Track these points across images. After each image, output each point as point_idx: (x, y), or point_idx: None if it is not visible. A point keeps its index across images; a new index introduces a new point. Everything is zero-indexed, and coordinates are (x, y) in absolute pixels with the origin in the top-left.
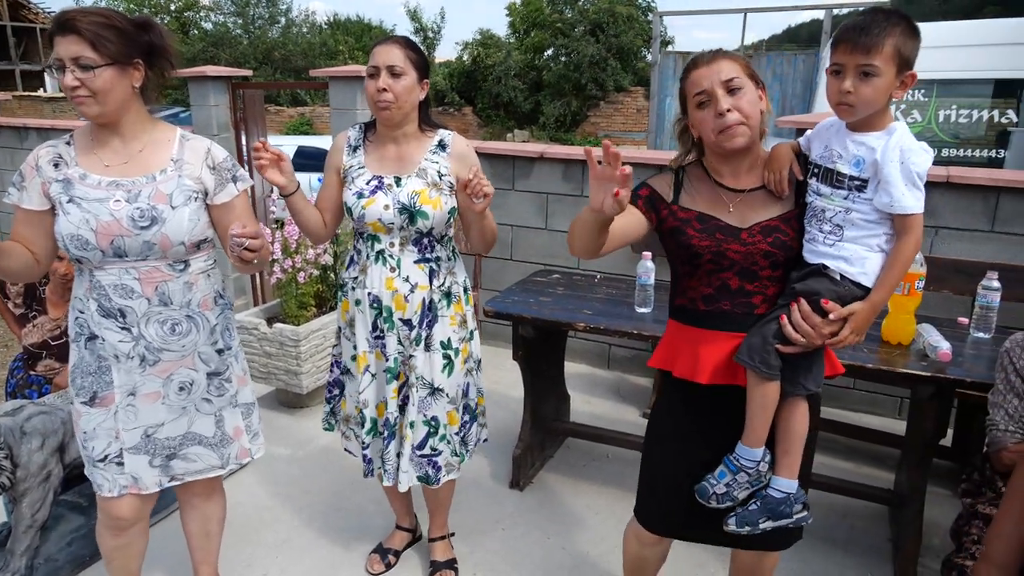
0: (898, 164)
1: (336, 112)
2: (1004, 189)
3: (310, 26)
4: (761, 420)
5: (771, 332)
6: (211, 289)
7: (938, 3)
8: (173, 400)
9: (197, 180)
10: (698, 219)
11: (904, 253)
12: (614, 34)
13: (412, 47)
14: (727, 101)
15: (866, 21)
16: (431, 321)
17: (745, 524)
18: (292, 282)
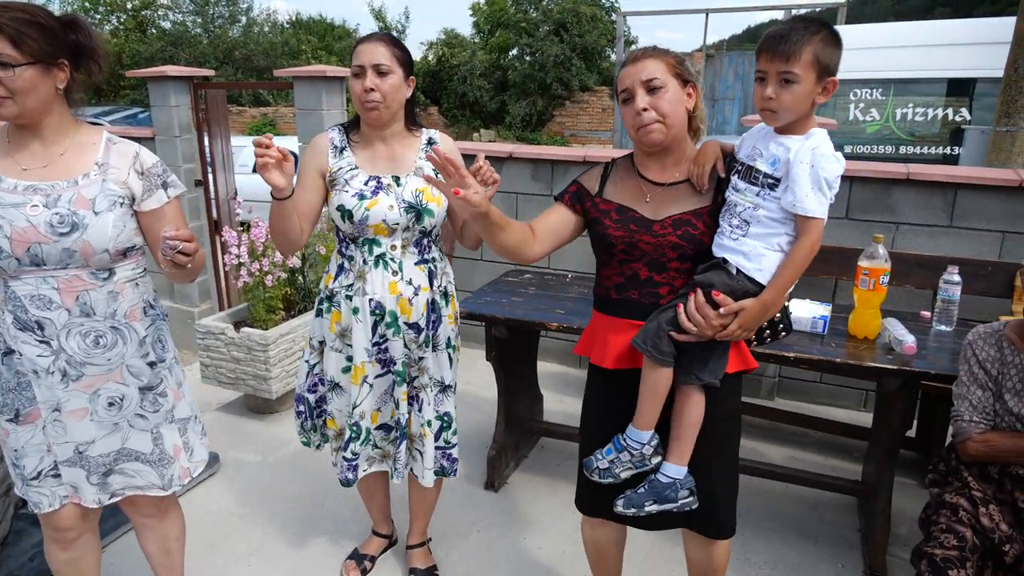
0: (808, 166)
1: (302, 113)
2: (961, 185)
3: (272, 25)
4: (651, 404)
5: (666, 319)
6: (140, 299)
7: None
8: (103, 416)
9: (123, 185)
10: (616, 210)
11: (799, 255)
12: (578, 34)
13: (397, 44)
14: (644, 100)
15: (786, 30)
16: (435, 322)
17: (631, 506)
18: (259, 285)
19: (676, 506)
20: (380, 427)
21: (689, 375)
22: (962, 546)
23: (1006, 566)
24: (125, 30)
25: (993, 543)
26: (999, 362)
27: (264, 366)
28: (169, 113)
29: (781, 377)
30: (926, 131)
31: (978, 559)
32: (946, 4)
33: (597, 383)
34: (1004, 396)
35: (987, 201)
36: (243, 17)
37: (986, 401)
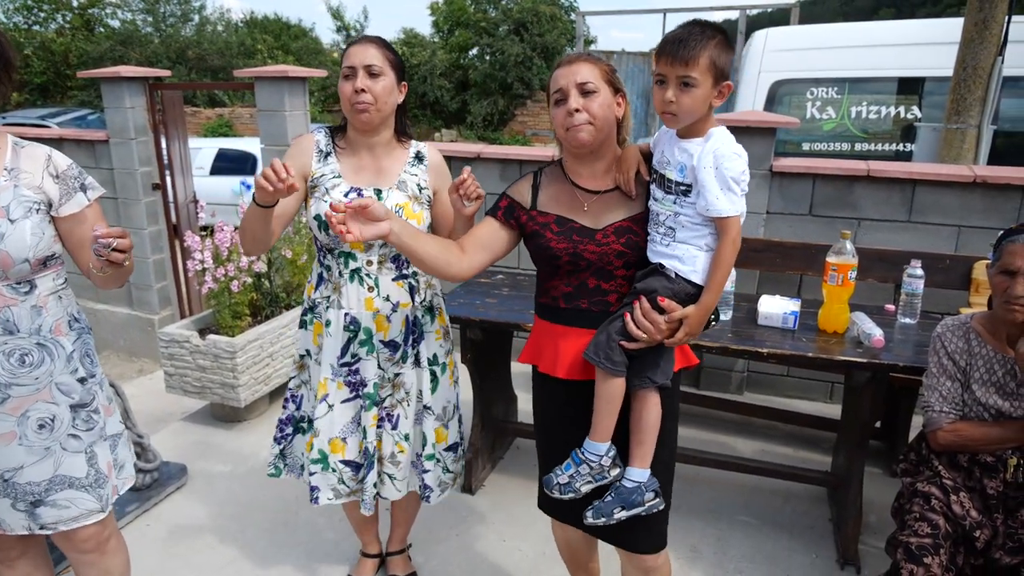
0: (712, 170)
1: (264, 114)
2: (919, 182)
3: (226, 24)
4: (607, 414)
5: (616, 329)
6: (64, 312)
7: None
8: (33, 440)
9: (38, 190)
10: (556, 222)
11: (724, 254)
12: (538, 33)
13: (389, 47)
14: (577, 101)
15: (684, 35)
16: (417, 338)
17: (601, 516)
18: (225, 291)
19: (644, 509)
20: (347, 463)
21: (643, 379)
22: (935, 533)
23: (977, 551)
24: (71, 29)
25: (964, 529)
26: (967, 353)
27: (232, 374)
28: (124, 115)
29: (750, 371)
30: (879, 128)
31: (951, 545)
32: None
33: (548, 391)
34: (972, 386)
35: (944, 197)
36: (195, 16)
37: (955, 391)
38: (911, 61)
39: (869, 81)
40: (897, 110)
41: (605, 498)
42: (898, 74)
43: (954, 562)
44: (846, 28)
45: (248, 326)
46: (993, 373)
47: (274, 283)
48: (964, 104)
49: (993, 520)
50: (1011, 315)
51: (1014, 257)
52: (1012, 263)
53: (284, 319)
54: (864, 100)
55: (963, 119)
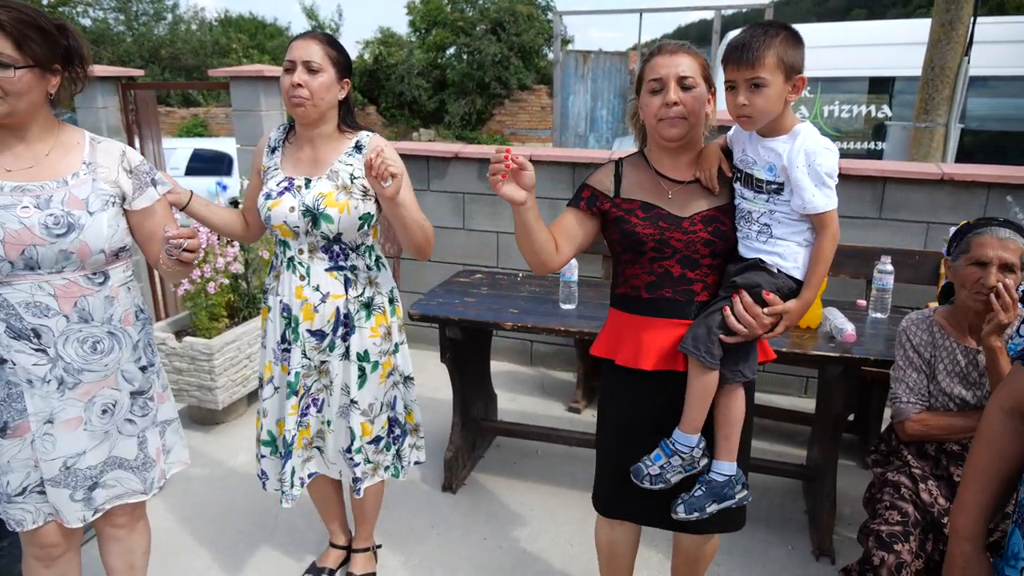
0: (805, 168)
1: (239, 114)
2: (889, 179)
3: (199, 23)
4: (700, 408)
5: (715, 323)
6: (132, 303)
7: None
8: (95, 425)
9: (114, 184)
10: (642, 208)
11: (824, 249)
12: (515, 33)
13: (332, 44)
14: (677, 94)
15: (747, 37)
16: (347, 333)
17: (693, 510)
18: (201, 293)
19: (734, 502)
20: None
21: (735, 373)
22: (905, 521)
23: (945, 537)
24: None
25: (933, 516)
26: (931, 346)
27: (209, 376)
28: (96, 115)
29: None
30: (850, 127)
31: (920, 532)
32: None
33: (624, 384)
34: (937, 377)
35: (913, 194)
36: (168, 14)
37: (921, 383)
38: (881, 61)
39: (841, 81)
40: (868, 109)
41: (695, 492)
42: (869, 74)
43: (923, 548)
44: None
45: (225, 328)
46: (956, 364)
47: (251, 284)
48: (932, 103)
49: None
50: (980, 304)
51: (985, 248)
52: (983, 254)
53: (261, 320)
54: (836, 99)
55: (931, 118)
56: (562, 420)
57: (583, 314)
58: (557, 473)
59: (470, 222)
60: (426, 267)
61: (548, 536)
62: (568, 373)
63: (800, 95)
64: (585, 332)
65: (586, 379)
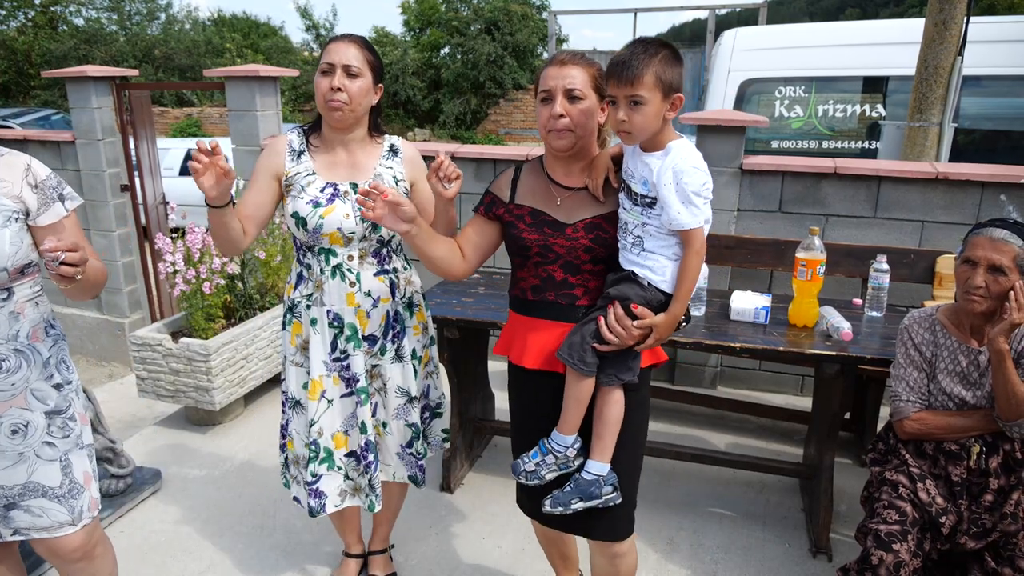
0: (672, 186)
1: (234, 114)
2: (884, 178)
3: (193, 23)
4: (575, 411)
5: (589, 332)
6: (40, 318)
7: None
8: (5, 445)
9: (16, 199)
10: (530, 214)
11: (690, 266)
12: (509, 32)
13: (370, 48)
14: (562, 106)
15: (627, 56)
16: (398, 333)
17: (559, 505)
18: (197, 294)
19: (600, 502)
20: (350, 455)
21: (610, 377)
22: (903, 520)
23: (943, 536)
24: (34, 27)
25: (931, 515)
26: (933, 344)
27: (206, 377)
28: (91, 115)
29: (723, 366)
30: (845, 126)
31: (918, 531)
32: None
33: (518, 382)
34: (938, 376)
35: (907, 193)
36: (162, 14)
37: (921, 382)
38: (875, 60)
39: (835, 80)
40: (862, 108)
41: (564, 488)
42: (863, 73)
43: (921, 547)
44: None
45: (222, 328)
46: (957, 364)
47: (248, 285)
48: (926, 103)
49: (958, 506)
50: (971, 305)
51: (975, 248)
52: (973, 254)
53: (258, 321)
54: (831, 99)
55: (925, 117)
56: None
57: None
58: None
59: (465, 221)
60: (420, 267)
61: None
62: None
63: (678, 113)
64: None
65: None
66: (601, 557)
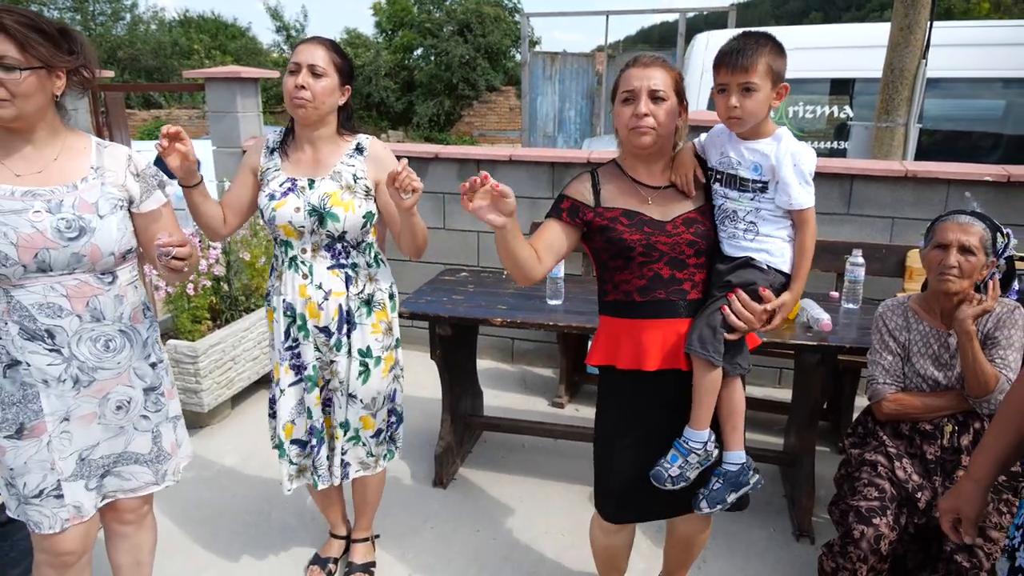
0: (791, 167)
1: (214, 115)
2: (856, 176)
3: (159, 23)
4: (708, 404)
5: (718, 322)
6: (139, 301)
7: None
8: (110, 419)
9: (121, 188)
10: (624, 215)
11: (806, 243)
12: (482, 34)
13: (337, 50)
14: (647, 106)
15: (740, 45)
16: (349, 329)
17: (716, 503)
18: (183, 295)
19: (750, 487)
20: (294, 442)
21: (734, 366)
22: (882, 496)
23: (919, 511)
24: None
25: (907, 492)
26: (906, 330)
27: (194, 379)
28: (65, 117)
29: None
30: (814, 127)
31: (896, 507)
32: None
33: (626, 389)
34: (912, 359)
35: (879, 190)
36: (127, 15)
37: (896, 365)
38: (842, 63)
39: (804, 82)
40: (831, 110)
41: (713, 486)
42: (830, 75)
43: (898, 522)
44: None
45: (208, 330)
46: (929, 347)
47: (233, 286)
48: (892, 104)
49: (932, 483)
50: (945, 284)
51: (946, 232)
52: (944, 237)
53: (245, 322)
54: (800, 100)
55: (892, 118)
56: (546, 415)
57: (569, 309)
58: (544, 466)
59: (450, 221)
60: (407, 267)
61: (539, 527)
62: (549, 369)
63: (782, 101)
64: (573, 327)
65: (568, 374)
66: (694, 526)
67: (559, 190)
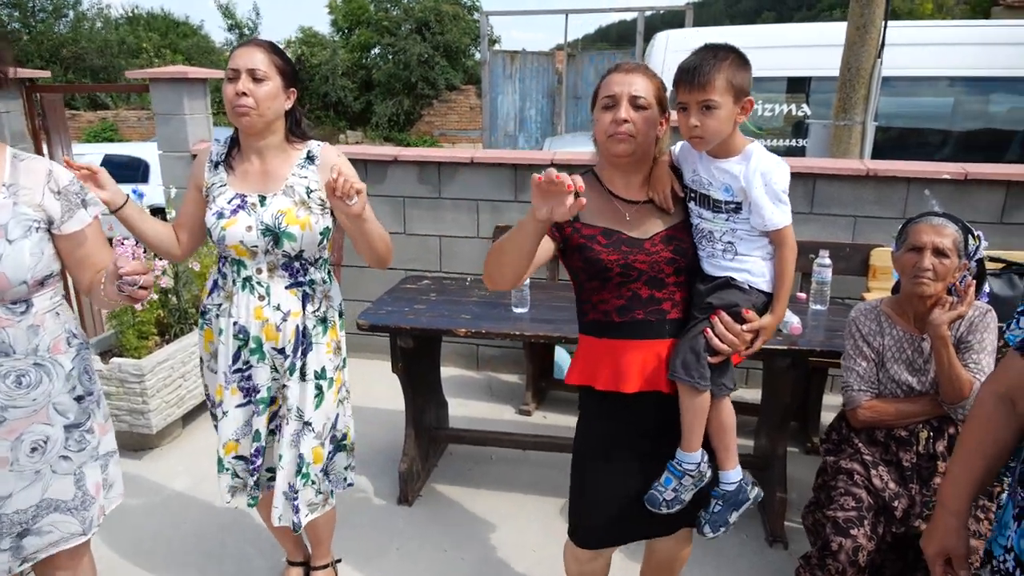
0: (762, 187)
1: (161, 118)
2: (819, 176)
3: (105, 21)
4: (698, 427)
5: (701, 347)
6: (62, 329)
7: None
8: (24, 464)
9: (38, 208)
10: (603, 234)
11: (786, 262)
12: (440, 32)
13: (277, 52)
14: (628, 112)
15: (697, 60)
16: (305, 349)
17: (719, 526)
18: (128, 310)
19: (751, 503)
20: (239, 458)
21: (721, 387)
22: (859, 506)
23: (897, 520)
24: None
25: (884, 500)
26: (879, 334)
27: (140, 399)
28: None
29: None
30: (772, 125)
31: (873, 516)
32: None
33: (604, 410)
34: (886, 365)
35: (841, 189)
36: (70, 11)
37: (871, 371)
38: (798, 62)
39: (762, 80)
40: (788, 108)
41: (713, 509)
42: (787, 74)
43: (876, 531)
44: (741, 31)
45: (156, 346)
46: (903, 352)
47: (182, 299)
48: (850, 102)
49: (909, 490)
50: (920, 287)
51: (920, 235)
52: (919, 240)
53: (195, 336)
54: (759, 98)
55: (850, 116)
56: (513, 424)
57: (535, 317)
58: (513, 478)
59: (411, 226)
60: (365, 274)
61: (510, 543)
62: (515, 376)
63: (748, 116)
64: (540, 336)
65: (535, 381)
66: (675, 545)
67: (523, 192)
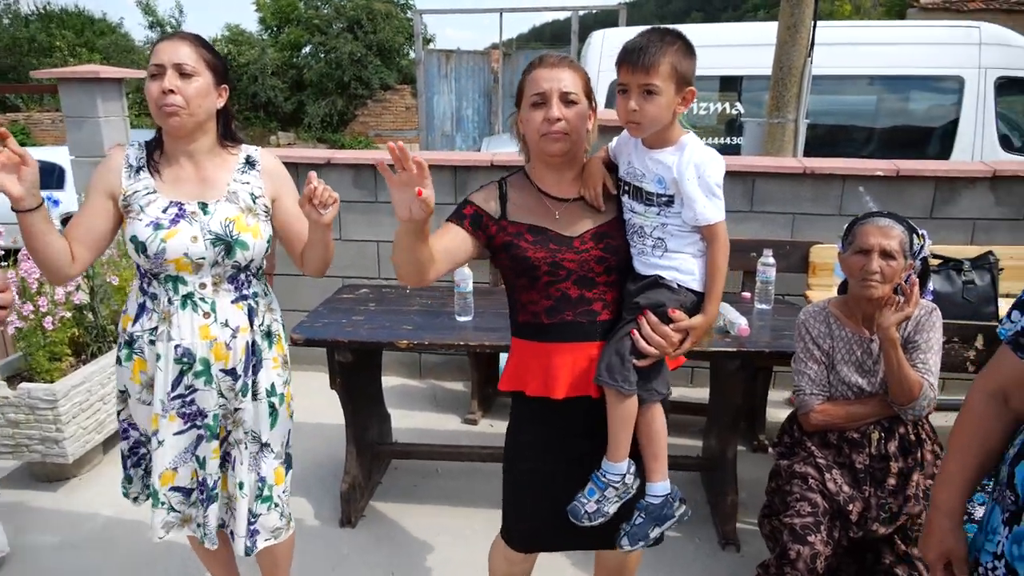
0: (695, 179)
1: (72, 121)
2: (758, 174)
3: (13, 17)
4: (624, 435)
5: (626, 349)
6: None
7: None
8: None
9: None
10: (530, 231)
11: (718, 260)
12: (372, 31)
13: (205, 45)
14: (560, 110)
15: (644, 42)
16: (256, 366)
17: (638, 540)
18: (37, 330)
19: (675, 520)
20: (176, 489)
21: (651, 392)
22: (815, 511)
23: (852, 524)
24: None
25: (839, 504)
26: (829, 336)
27: (54, 426)
28: None
29: None
30: (706, 123)
31: (829, 520)
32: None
33: (535, 415)
34: (836, 367)
35: (780, 187)
36: None
37: (822, 374)
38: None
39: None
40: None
41: (635, 521)
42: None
43: (832, 536)
44: None
45: (71, 368)
46: (852, 353)
47: (100, 315)
48: (783, 101)
49: (863, 492)
50: (868, 290)
51: (867, 237)
52: (866, 242)
53: (114, 355)
54: None
55: (783, 114)
56: (459, 434)
57: (480, 326)
58: (461, 491)
59: (347, 231)
60: (300, 282)
61: (456, 561)
62: (460, 383)
63: (688, 107)
64: (485, 345)
65: (480, 388)
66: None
67: (462, 194)
